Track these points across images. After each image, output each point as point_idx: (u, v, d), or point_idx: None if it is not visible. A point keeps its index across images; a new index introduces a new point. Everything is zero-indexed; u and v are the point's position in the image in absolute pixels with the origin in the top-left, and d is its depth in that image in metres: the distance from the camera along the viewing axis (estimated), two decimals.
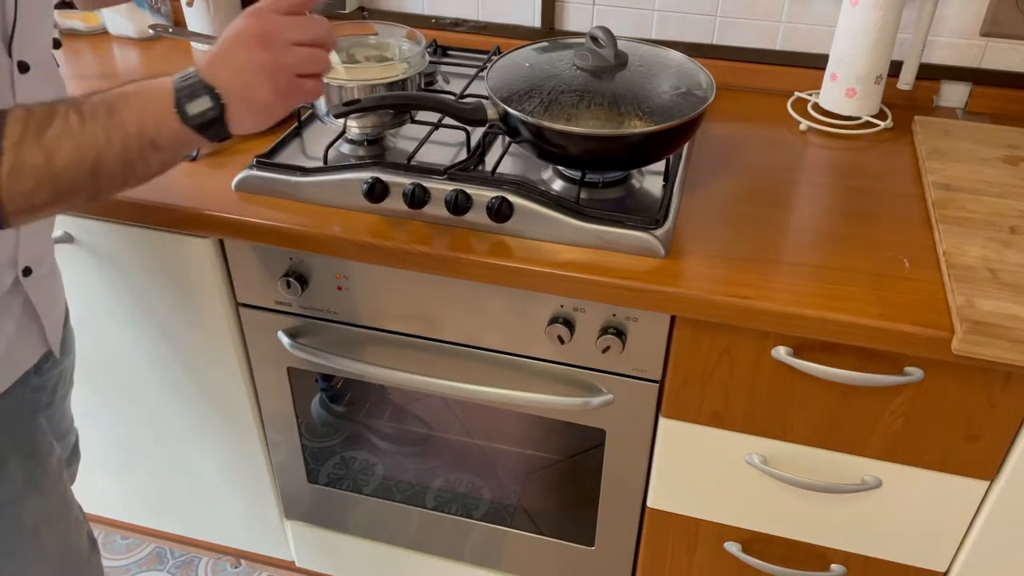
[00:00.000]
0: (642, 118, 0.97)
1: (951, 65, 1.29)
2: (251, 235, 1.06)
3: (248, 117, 0.75)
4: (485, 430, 1.28)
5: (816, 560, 1.16)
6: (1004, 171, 1.11)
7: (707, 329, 0.98)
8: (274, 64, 0.73)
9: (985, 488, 1.01)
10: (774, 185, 1.12)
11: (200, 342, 1.23)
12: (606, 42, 1.02)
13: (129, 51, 1.48)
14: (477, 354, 1.11)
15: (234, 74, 0.73)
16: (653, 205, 1.05)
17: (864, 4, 1.17)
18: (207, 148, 1.17)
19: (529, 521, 1.32)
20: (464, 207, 1.01)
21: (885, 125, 1.25)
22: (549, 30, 1.42)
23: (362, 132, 1.13)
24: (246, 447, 1.36)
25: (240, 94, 0.73)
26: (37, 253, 0.87)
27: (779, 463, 1.07)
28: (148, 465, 1.47)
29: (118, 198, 1.08)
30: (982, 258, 0.94)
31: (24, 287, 0.85)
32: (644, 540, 1.23)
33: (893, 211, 1.06)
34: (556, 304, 1.03)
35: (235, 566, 1.65)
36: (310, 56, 0.76)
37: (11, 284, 0.83)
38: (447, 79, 1.34)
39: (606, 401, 1.08)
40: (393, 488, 1.37)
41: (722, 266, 0.96)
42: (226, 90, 0.72)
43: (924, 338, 0.88)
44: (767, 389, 1.01)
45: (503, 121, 1.02)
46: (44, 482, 0.92)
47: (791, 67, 1.34)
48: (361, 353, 1.17)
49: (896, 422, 0.98)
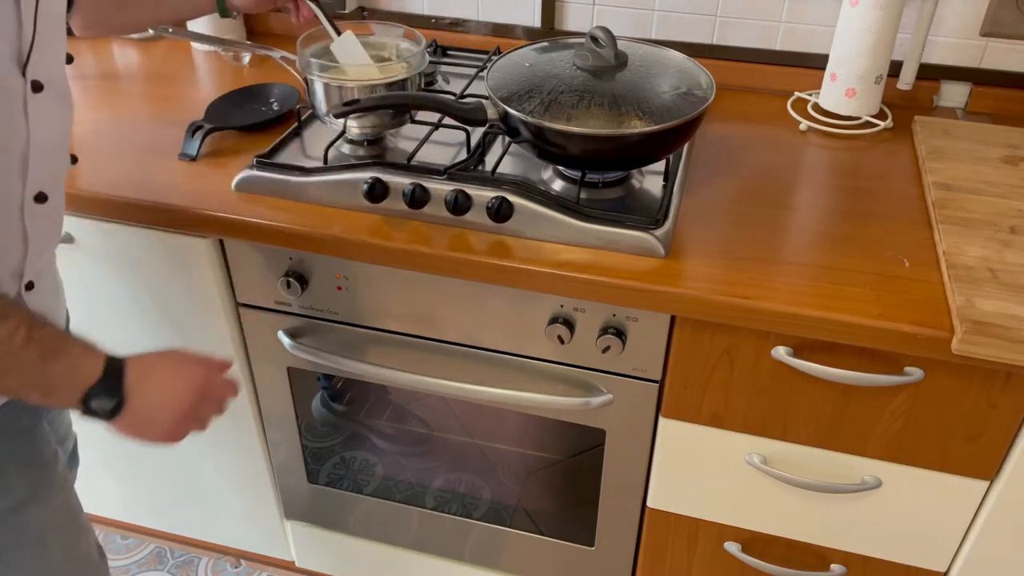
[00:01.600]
0: (642, 118, 0.97)
1: (951, 65, 1.29)
2: (251, 235, 1.06)
3: (130, 429, 0.80)
4: (485, 430, 1.28)
5: (816, 560, 1.16)
6: (1004, 171, 1.11)
7: (707, 329, 0.98)
8: (193, 414, 0.82)
9: (985, 488, 1.01)
10: (774, 185, 1.12)
11: (200, 342, 1.23)
12: (606, 42, 1.02)
13: (129, 51, 1.48)
14: (477, 354, 1.12)
15: (152, 400, 0.79)
16: (653, 205, 1.05)
17: (864, 4, 1.17)
18: (205, 149, 1.17)
19: (529, 521, 1.32)
20: (464, 207, 1.01)
21: (885, 125, 1.25)
22: (549, 30, 1.42)
23: (362, 132, 1.13)
24: (246, 447, 1.36)
25: (143, 414, 0.79)
26: (41, 268, 0.87)
27: (779, 463, 1.07)
28: (148, 465, 1.47)
29: (118, 198, 1.08)
30: (982, 258, 0.94)
31: (26, 302, 0.85)
32: (644, 540, 1.23)
33: (893, 211, 1.06)
34: (556, 304, 1.03)
35: (235, 566, 1.65)
36: (218, 413, 0.85)
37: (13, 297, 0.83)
38: (447, 79, 1.34)
39: (606, 401, 1.08)
40: (393, 488, 1.37)
41: (722, 266, 0.96)
42: (135, 406, 0.78)
43: (924, 338, 0.88)
44: (767, 389, 1.01)
45: (503, 121, 1.02)
46: (48, 491, 0.92)
47: (791, 67, 1.34)
48: (361, 353, 1.17)
49: (896, 422, 0.98)
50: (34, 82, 0.76)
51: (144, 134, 1.21)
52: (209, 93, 1.32)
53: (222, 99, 1.27)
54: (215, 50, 1.46)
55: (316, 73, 1.09)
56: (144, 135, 1.21)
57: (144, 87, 1.36)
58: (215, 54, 1.46)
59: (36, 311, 0.84)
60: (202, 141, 1.16)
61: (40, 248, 0.84)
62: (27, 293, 0.85)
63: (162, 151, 1.17)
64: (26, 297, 0.85)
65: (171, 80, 1.38)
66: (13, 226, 0.79)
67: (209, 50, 1.48)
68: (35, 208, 0.81)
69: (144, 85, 1.36)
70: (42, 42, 0.76)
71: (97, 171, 1.12)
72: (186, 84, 1.37)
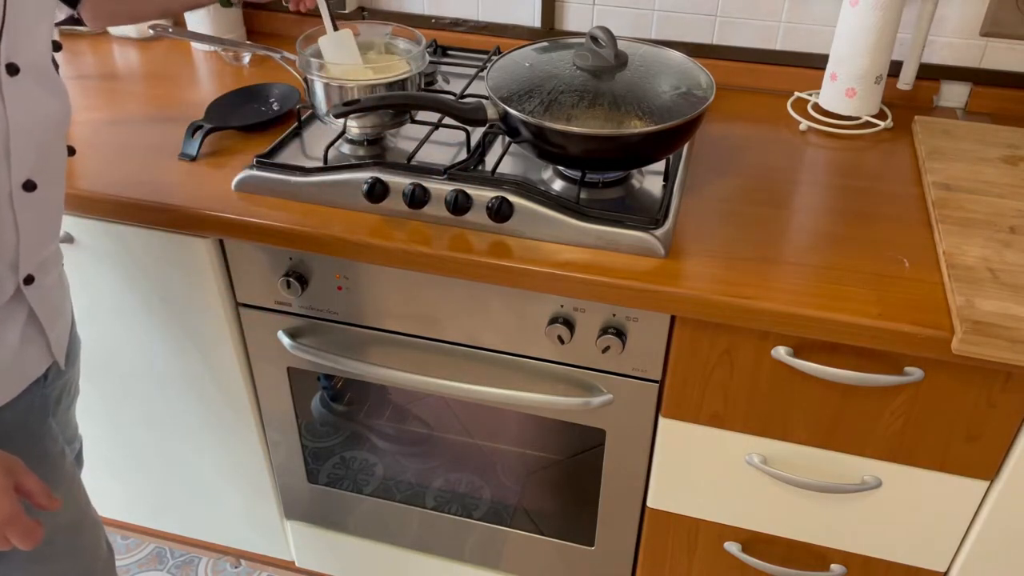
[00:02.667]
0: (642, 118, 0.97)
1: (951, 65, 1.29)
2: (251, 235, 1.06)
3: None
4: (485, 430, 1.28)
5: (816, 560, 1.16)
6: (1004, 171, 1.11)
7: (707, 329, 0.98)
8: None
9: (985, 488, 1.01)
10: (774, 185, 1.12)
11: (200, 342, 1.23)
12: (606, 42, 1.02)
13: (129, 51, 1.48)
14: (477, 354, 1.12)
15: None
16: (653, 205, 1.05)
17: (864, 4, 1.17)
18: (205, 149, 1.17)
19: (529, 521, 1.32)
20: (464, 207, 1.01)
21: (885, 125, 1.25)
22: (549, 30, 1.42)
23: (362, 132, 1.13)
24: (246, 447, 1.36)
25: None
26: (41, 261, 0.87)
27: (779, 463, 1.07)
28: (148, 465, 1.47)
29: (118, 198, 1.08)
30: (982, 258, 0.94)
31: (27, 297, 0.85)
32: (644, 540, 1.23)
33: (893, 211, 1.06)
34: (556, 304, 1.03)
35: (235, 566, 1.65)
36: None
37: (13, 292, 0.83)
38: (447, 79, 1.34)
39: (606, 401, 1.08)
40: (393, 488, 1.37)
41: (722, 266, 0.96)
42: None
43: (924, 338, 0.88)
44: (767, 389, 1.01)
45: (503, 121, 1.02)
46: (57, 488, 0.91)
47: (791, 67, 1.34)
48: (361, 353, 1.17)
49: (896, 422, 0.98)
50: (8, 64, 0.76)
51: (144, 134, 1.21)
52: (209, 93, 1.32)
53: (222, 99, 1.27)
54: (215, 50, 1.46)
55: (316, 73, 1.09)
56: (144, 135, 1.21)
57: (144, 87, 1.36)
58: (215, 54, 1.46)
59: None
60: (202, 141, 1.16)
61: (35, 239, 0.84)
62: (26, 287, 0.84)
63: (162, 151, 1.17)
64: (26, 291, 0.84)
65: (171, 80, 1.38)
66: (2, 214, 0.78)
67: (209, 50, 1.48)
68: (24, 197, 0.80)
69: (144, 85, 1.36)
70: (16, 24, 0.75)
71: (97, 171, 1.12)
72: (186, 84, 1.37)
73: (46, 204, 0.84)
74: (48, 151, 0.82)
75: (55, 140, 0.84)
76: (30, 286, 0.85)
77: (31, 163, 0.80)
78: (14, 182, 0.78)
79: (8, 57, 0.76)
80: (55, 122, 0.83)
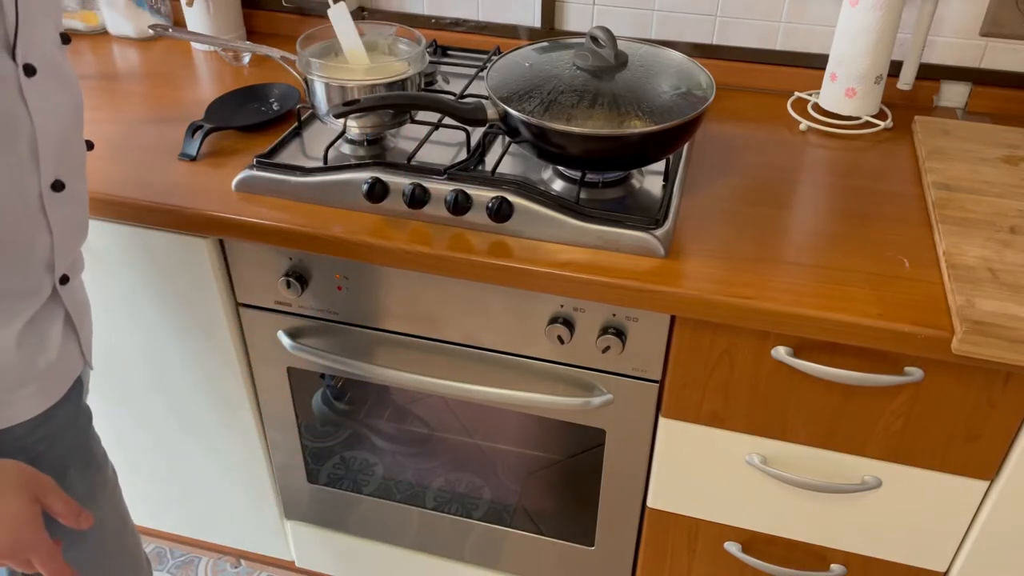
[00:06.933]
0: (642, 118, 0.97)
1: (951, 65, 1.29)
2: (251, 235, 1.06)
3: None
4: (485, 430, 1.28)
5: (816, 560, 1.16)
6: (1004, 171, 1.11)
7: (707, 329, 0.98)
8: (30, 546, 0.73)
9: (985, 488, 1.01)
10: (774, 185, 1.12)
11: (200, 342, 1.23)
12: (606, 42, 1.02)
13: (129, 51, 1.48)
14: (477, 354, 1.12)
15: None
16: (653, 205, 1.05)
17: (864, 4, 1.17)
18: (205, 149, 1.17)
19: (529, 521, 1.32)
20: (464, 207, 1.01)
21: (885, 125, 1.25)
22: (549, 30, 1.42)
23: (362, 132, 1.13)
24: (246, 447, 1.36)
25: None
26: (73, 262, 0.86)
27: (779, 463, 1.07)
28: (148, 465, 1.47)
29: (118, 198, 1.08)
30: (982, 258, 0.94)
31: (62, 297, 0.84)
32: (644, 540, 1.23)
33: (893, 211, 1.06)
34: (556, 304, 1.03)
35: (235, 566, 1.65)
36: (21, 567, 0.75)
37: (51, 292, 0.82)
38: (447, 79, 1.34)
39: (606, 401, 1.08)
40: (393, 488, 1.37)
41: (722, 266, 0.96)
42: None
43: (924, 338, 0.88)
44: (767, 389, 1.01)
45: (503, 121, 1.02)
46: (102, 492, 0.91)
47: (791, 67, 1.34)
48: (361, 353, 1.17)
49: (896, 422, 0.98)
50: (26, 66, 0.75)
51: (144, 134, 1.21)
52: (209, 93, 1.32)
53: (222, 99, 1.27)
54: (215, 50, 1.46)
55: (316, 73, 1.09)
56: (144, 135, 1.21)
57: (144, 87, 1.36)
58: (215, 54, 1.46)
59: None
60: (202, 141, 1.16)
61: (67, 239, 0.83)
62: (62, 288, 0.83)
63: (162, 151, 1.17)
64: (62, 292, 0.83)
65: (171, 80, 1.38)
66: (35, 216, 0.78)
67: (209, 50, 1.48)
68: (54, 197, 0.79)
69: (144, 85, 1.36)
70: (28, 24, 0.75)
71: (97, 171, 1.12)
72: (186, 84, 1.37)
73: (75, 201, 0.83)
74: (70, 147, 0.82)
75: (74, 134, 0.83)
76: (65, 286, 0.84)
77: (56, 163, 0.79)
78: (43, 184, 0.78)
79: (24, 58, 0.75)
80: (72, 116, 0.82)
